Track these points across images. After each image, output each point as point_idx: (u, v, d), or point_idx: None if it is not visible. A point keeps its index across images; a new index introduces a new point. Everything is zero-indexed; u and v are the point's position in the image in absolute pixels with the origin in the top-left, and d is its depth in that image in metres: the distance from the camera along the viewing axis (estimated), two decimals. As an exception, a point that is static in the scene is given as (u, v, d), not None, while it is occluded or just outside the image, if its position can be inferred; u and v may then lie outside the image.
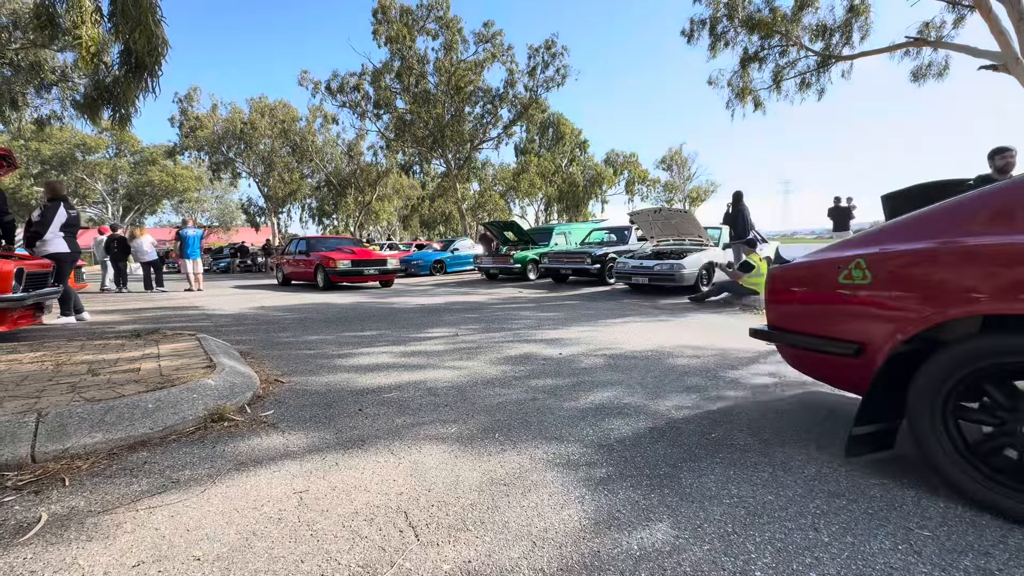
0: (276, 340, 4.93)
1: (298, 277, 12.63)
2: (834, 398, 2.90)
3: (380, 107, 24.60)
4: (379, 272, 11.74)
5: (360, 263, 11.44)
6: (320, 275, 11.35)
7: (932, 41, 11.92)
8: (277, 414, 2.61)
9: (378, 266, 11.79)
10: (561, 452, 2.15)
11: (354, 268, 11.29)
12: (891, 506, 1.67)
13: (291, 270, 12.89)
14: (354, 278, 11.50)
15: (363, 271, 11.47)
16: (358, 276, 11.49)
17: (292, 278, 12.96)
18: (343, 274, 11.15)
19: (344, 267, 11.08)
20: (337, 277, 11.14)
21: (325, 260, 11.13)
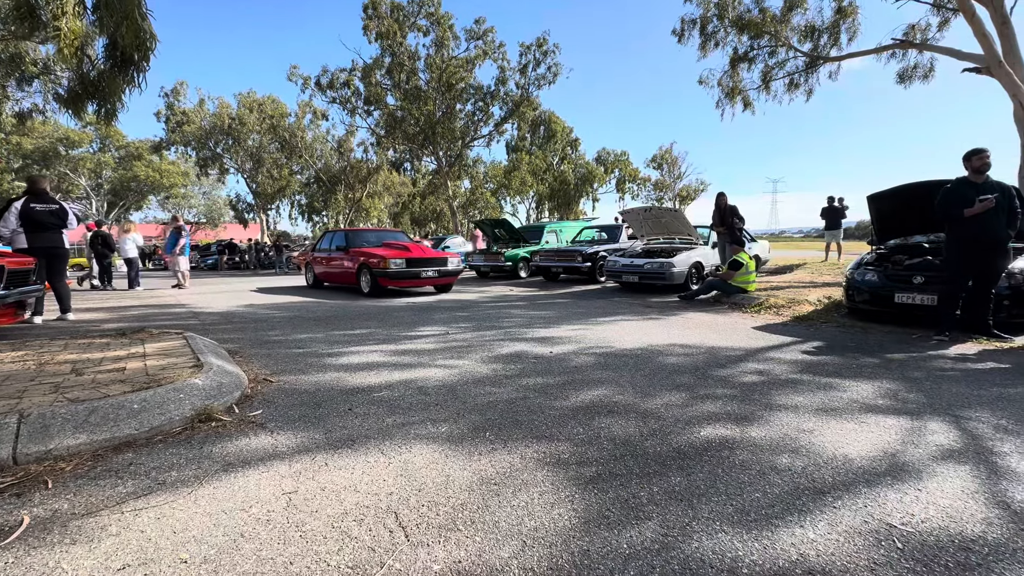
0: (265, 339, 4.88)
1: (334, 279, 10.50)
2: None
3: (370, 103, 24.39)
4: (439, 274, 9.39)
5: (417, 263, 9.07)
6: (364, 277, 9.13)
7: (917, 43, 12.08)
8: (266, 414, 2.59)
9: (437, 266, 9.38)
10: (551, 451, 2.16)
11: (409, 269, 8.89)
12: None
13: (324, 270, 10.72)
14: (409, 282, 9.09)
15: (420, 273, 9.09)
16: (414, 279, 9.11)
17: (326, 280, 10.88)
18: (396, 277, 8.78)
19: (397, 267, 8.72)
20: (387, 280, 8.80)
21: (372, 259, 8.88)
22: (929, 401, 2.88)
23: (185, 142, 31.82)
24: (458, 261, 9.93)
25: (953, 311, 4.98)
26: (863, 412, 2.68)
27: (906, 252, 6.44)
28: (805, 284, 9.27)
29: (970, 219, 4.73)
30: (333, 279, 10.53)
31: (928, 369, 3.67)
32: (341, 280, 10.18)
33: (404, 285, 9.25)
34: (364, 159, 31.11)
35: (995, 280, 4.89)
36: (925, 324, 5.31)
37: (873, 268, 6.17)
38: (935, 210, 5.06)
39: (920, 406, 2.79)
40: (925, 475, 1.93)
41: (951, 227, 4.96)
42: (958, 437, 2.33)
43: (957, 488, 1.82)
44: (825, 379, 3.37)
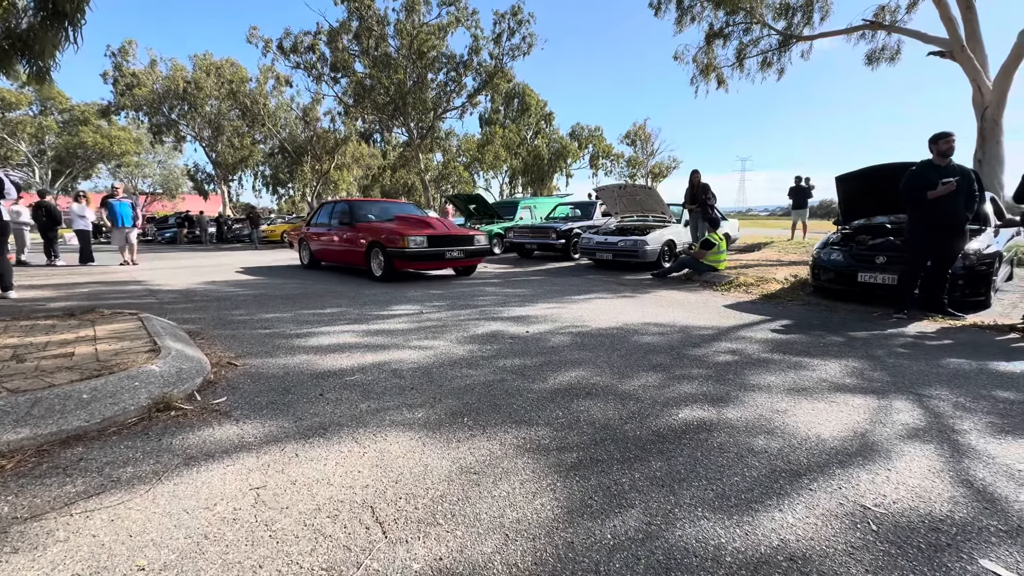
0: (229, 319, 4.66)
1: (336, 259, 8.96)
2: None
3: (337, 70, 23.26)
4: (465, 254, 7.94)
5: (440, 241, 7.60)
6: (377, 258, 7.66)
7: (886, 25, 12.25)
8: (230, 401, 2.46)
9: (464, 245, 7.93)
10: (531, 436, 2.13)
11: (432, 249, 7.43)
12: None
13: (323, 248, 9.20)
14: (430, 263, 7.69)
15: (445, 253, 7.63)
16: (436, 261, 7.67)
17: (325, 259, 9.37)
18: (415, 258, 7.30)
19: (418, 247, 7.25)
20: (405, 262, 7.34)
21: (386, 236, 7.41)
22: (893, 380, 2.98)
23: (136, 107, 29.73)
24: (485, 239, 8.47)
25: (912, 290, 5.17)
26: (832, 391, 2.75)
27: (870, 232, 6.63)
28: (772, 263, 9.50)
29: (932, 201, 4.85)
30: (335, 259, 9.01)
31: (890, 347, 3.80)
32: (345, 260, 8.64)
33: (425, 268, 7.86)
34: (331, 129, 29.88)
35: (952, 261, 5.09)
36: (886, 303, 5.50)
37: (838, 248, 6.34)
38: (900, 191, 5.18)
39: (885, 384, 2.89)
40: (894, 455, 1.99)
41: (914, 208, 5.09)
42: (921, 416, 2.41)
43: (924, 467, 1.88)
44: (795, 358, 3.45)
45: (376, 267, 7.72)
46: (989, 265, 5.43)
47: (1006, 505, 1.63)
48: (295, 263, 10.86)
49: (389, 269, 7.46)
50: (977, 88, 10.08)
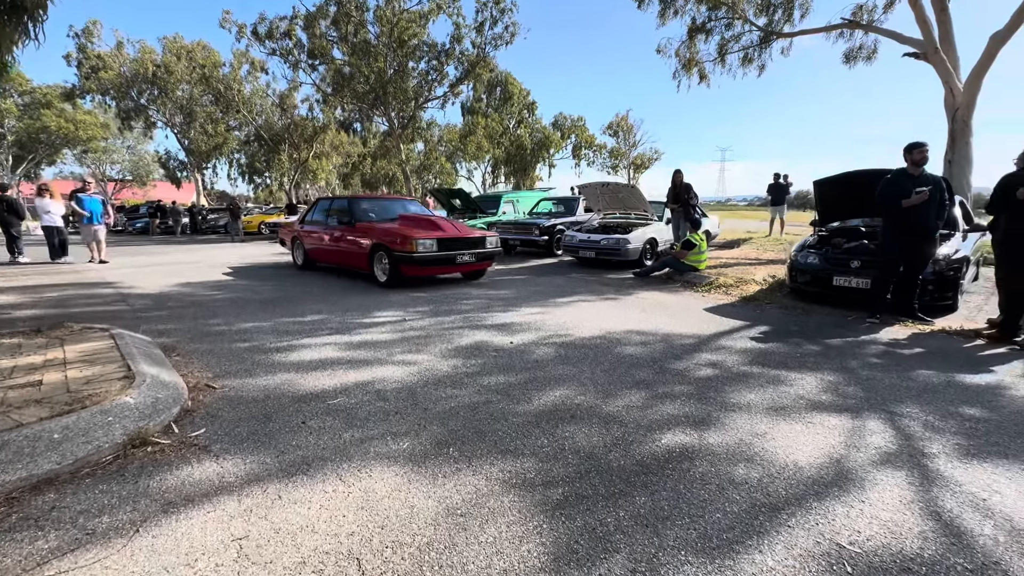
0: (205, 329, 4.54)
1: (334, 260, 8.27)
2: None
3: (315, 57, 22.57)
4: (476, 258, 7.35)
5: (451, 244, 7.02)
6: (381, 262, 7.02)
7: (864, 24, 12.43)
8: (209, 433, 2.40)
9: (476, 248, 7.33)
10: (517, 469, 2.13)
11: (442, 253, 6.83)
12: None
13: (319, 248, 8.50)
14: (440, 268, 7.10)
15: (456, 258, 7.03)
16: (446, 266, 7.12)
17: (321, 260, 8.69)
18: (424, 263, 6.71)
19: (427, 251, 6.65)
20: (413, 268, 6.71)
21: (392, 239, 6.77)
22: (866, 395, 3.07)
23: (103, 90, 28.48)
24: (496, 240, 7.79)
25: (885, 295, 5.33)
26: (809, 410, 2.83)
27: (845, 235, 6.78)
28: (751, 261, 9.67)
29: (906, 209, 4.98)
30: (333, 260, 8.31)
31: (863, 358, 3.91)
32: (345, 263, 7.96)
33: (433, 273, 7.27)
34: (310, 117, 29.13)
35: (923, 267, 5.25)
36: (860, 306, 5.65)
37: (815, 251, 6.48)
38: (876, 198, 5.31)
39: (858, 401, 2.97)
40: (867, 484, 2.05)
41: (888, 216, 5.22)
42: (893, 437, 2.49)
43: (896, 498, 1.95)
44: (773, 371, 3.53)
45: (380, 272, 7.10)
46: (957, 270, 5.62)
47: (971, 540, 1.70)
48: (275, 259, 10.64)
49: (395, 275, 6.86)
50: (949, 90, 10.33)
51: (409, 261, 6.64)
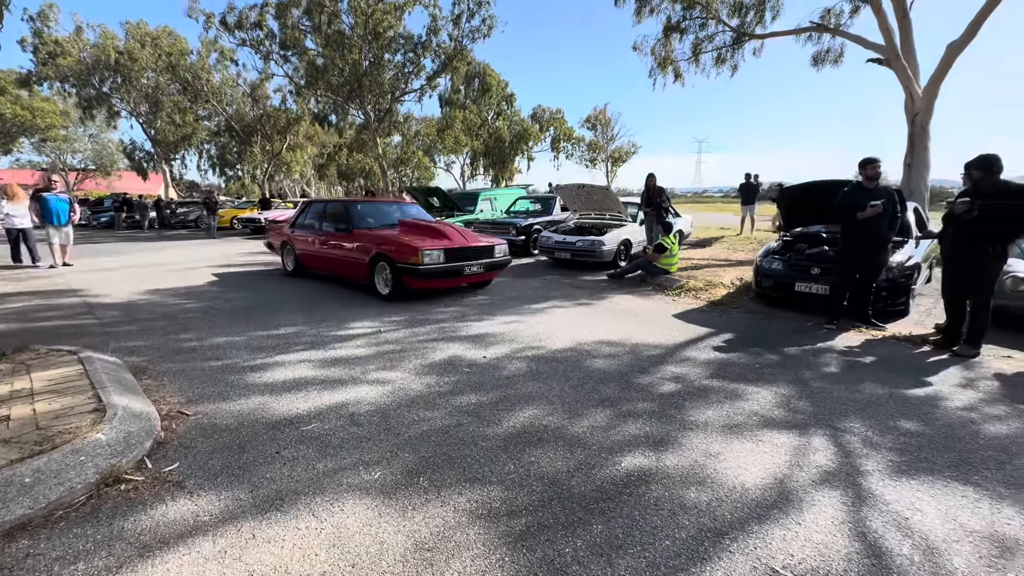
0: (177, 345, 4.52)
1: (329, 269, 7.72)
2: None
3: (287, 48, 22.03)
4: (485, 268, 6.96)
5: (459, 254, 6.59)
6: (382, 274, 6.60)
7: (831, 28, 12.77)
8: (183, 467, 2.45)
9: (484, 258, 6.92)
10: (484, 499, 2.25)
11: (449, 264, 6.43)
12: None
13: (311, 255, 7.96)
14: (447, 281, 6.66)
15: (464, 269, 6.64)
16: (454, 279, 6.71)
17: (315, 268, 8.09)
18: (430, 276, 6.28)
19: (433, 263, 6.24)
20: (417, 280, 6.29)
21: (395, 249, 6.37)
22: (815, 410, 3.29)
23: (61, 77, 27.26)
24: (505, 248, 7.31)
25: (842, 301, 5.61)
26: (761, 427, 3.02)
27: (808, 240, 7.07)
28: (721, 262, 9.96)
29: (861, 220, 5.24)
30: (328, 269, 7.77)
31: (817, 368, 4.15)
32: (341, 272, 7.48)
33: (440, 286, 6.74)
34: (283, 108, 28.46)
35: (877, 275, 5.54)
36: (819, 311, 5.92)
37: (779, 257, 6.74)
38: (835, 209, 5.57)
39: (807, 417, 3.18)
40: (805, 505, 2.24)
41: (845, 226, 5.50)
42: (834, 455, 2.69)
43: (828, 519, 2.14)
44: (732, 385, 3.72)
45: (382, 284, 6.64)
46: (909, 277, 5.94)
47: (889, 560, 1.89)
48: (249, 259, 10.47)
49: (398, 287, 6.43)
50: (909, 95, 10.74)
51: (414, 274, 6.21)
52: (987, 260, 4.43)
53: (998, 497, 2.33)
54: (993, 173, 4.39)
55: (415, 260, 6.18)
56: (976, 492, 2.37)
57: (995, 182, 4.39)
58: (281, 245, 8.92)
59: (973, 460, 2.66)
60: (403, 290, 6.48)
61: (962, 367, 4.22)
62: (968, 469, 2.57)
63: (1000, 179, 4.38)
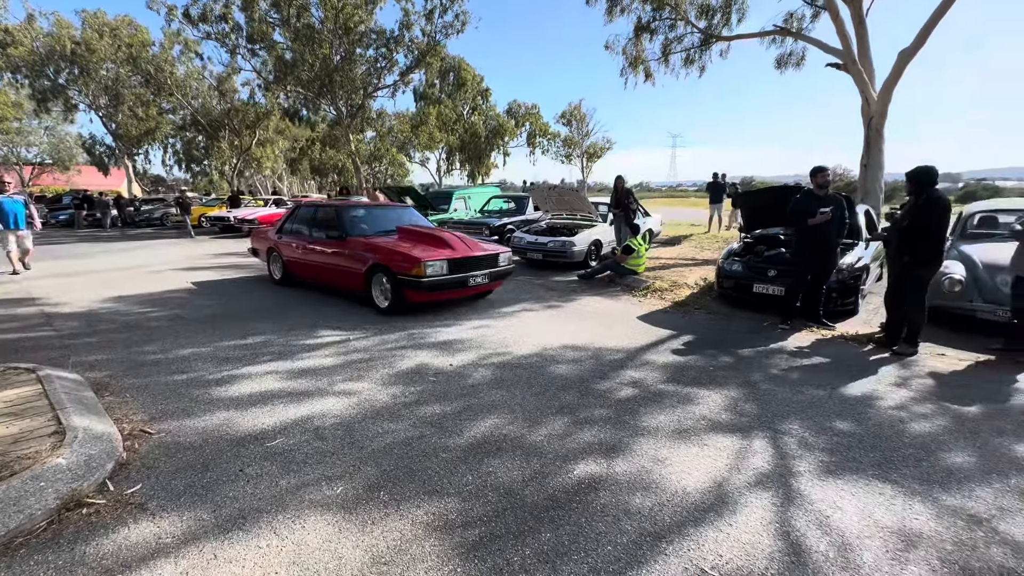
0: (140, 358, 4.49)
1: (321, 278, 7.24)
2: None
3: (255, 42, 21.47)
4: (489, 279, 6.56)
5: (463, 265, 6.22)
6: (380, 286, 6.22)
7: (794, 32, 13.15)
8: (146, 488, 2.50)
9: (489, 267, 6.53)
10: (440, 511, 2.37)
11: (453, 276, 6.07)
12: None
13: (300, 262, 7.48)
14: (451, 293, 6.28)
15: (468, 280, 6.24)
16: (457, 290, 6.30)
17: (305, 276, 7.62)
18: (433, 288, 5.89)
19: (436, 275, 5.87)
20: (420, 293, 5.91)
21: (395, 259, 5.95)
22: (759, 412, 3.51)
23: (13, 68, 25.95)
24: (509, 256, 6.94)
25: (795, 302, 5.91)
26: (708, 431, 3.21)
27: (767, 242, 7.38)
28: (688, 261, 10.27)
29: (812, 226, 5.52)
30: (319, 278, 7.31)
31: (766, 370, 4.39)
32: (335, 282, 7.02)
33: (443, 298, 6.33)
34: (251, 102, 27.73)
35: (827, 277, 5.85)
36: (775, 312, 6.21)
37: (739, 258, 7.03)
38: (787, 214, 5.86)
39: (751, 420, 3.39)
40: (739, 507, 2.43)
41: (798, 231, 5.78)
42: (771, 458, 2.90)
43: (758, 520, 2.33)
44: (686, 389, 3.93)
45: (380, 296, 6.25)
46: (858, 278, 6.28)
47: (807, 557, 2.09)
48: (217, 261, 10.28)
49: (398, 300, 6.03)
50: (865, 99, 11.18)
51: (416, 286, 5.80)
52: (913, 265, 4.76)
53: (911, 493, 2.56)
54: (916, 185, 4.74)
55: (417, 272, 5.77)
56: (893, 489, 2.60)
57: (917, 193, 4.74)
58: (267, 251, 8.38)
59: (895, 459, 2.91)
60: (403, 304, 6.08)
61: (899, 366, 4.53)
62: (889, 467, 2.81)
63: (927, 190, 4.69)
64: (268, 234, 8.40)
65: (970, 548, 2.16)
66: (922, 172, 4.71)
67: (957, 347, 5.06)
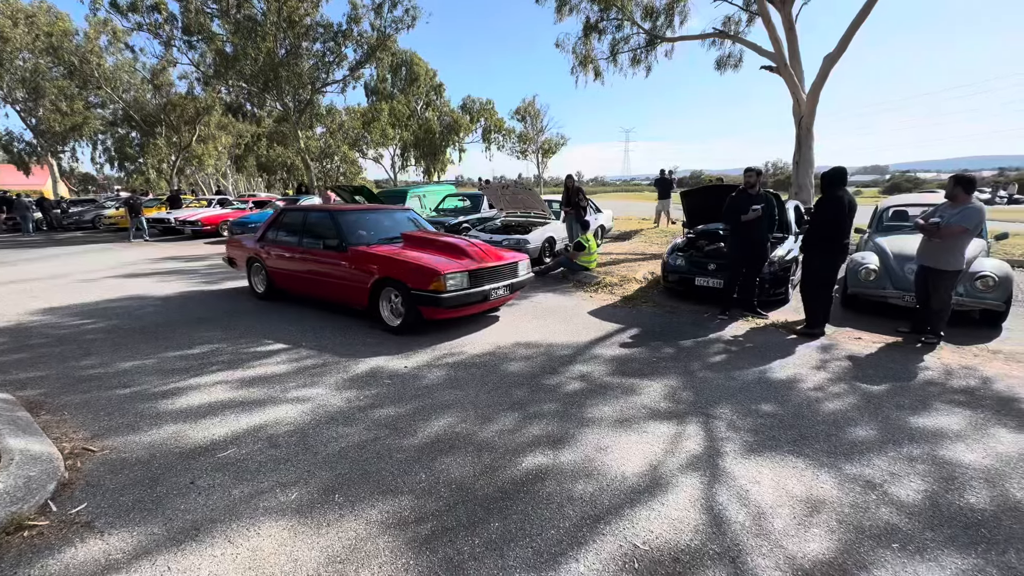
0: (78, 373, 4.32)
1: (314, 292, 6.46)
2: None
3: (192, 34, 20.38)
4: (510, 289, 5.94)
5: (484, 276, 5.57)
6: (390, 301, 5.54)
7: (731, 35, 13.86)
8: (91, 507, 2.47)
9: (509, 278, 5.93)
10: (395, 509, 2.48)
11: (474, 289, 5.40)
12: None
13: (288, 273, 6.71)
14: (471, 308, 5.55)
15: (490, 293, 5.58)
16: (478, 304, 5.58)
17: (295, 290, 6.78)
18: (455, 304, 5.20)
19: (457, 288, 5.22)
20: (438, 310, 5.21)
21: (410, 272, 5.25)
22: (695, 399, 3.80)
23: (-89, 58, 23.53)
24: (527, 264, 6.33)
25: (732, 294, 6.33)
26: (648, 419, 3.46)
27: (707, 237, 7.82)
28: (638, 256, 10.69)
29: (745, 222, 5.93)
30: (314, 292, 6.48)
31: (704, 359, 4.72)
32: (333, 298, 6.24)
33: (462, 315, 5.58)
34: (190, 96, 26.33)
35: (760, 269, 6.30)
36: (715, 303, 6.62)
37: (682, 253, 7.43)
38: (723, 212, 6.26)
39: (688, 407, 3.68)
40: (670, 487, 2.67)
41: (732, 228, 6.19)
42: (702, 441, 3.18)
43: (686, 498, 2.57)
44: (630, 380, 4.18)
45: (390, 314, 5.55)
46: (787, 269, 6.78)
47: (727, 527, 2.35)
48: (157, 267, 9.80)
49: (413, 318, 5.32)
50: (796, 101, 11.95)
51: (435, 303, 5.10)
52: (812, 256, 5.38)
53: (819, 465, 2.89)
54: (824, 184, 5.28)
55: (436, 286, 5.06)
56: (804, 462, 2.92)
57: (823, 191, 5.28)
58: (247, 262, 7.43)
59: (809, 435, 3.25)
60: (419, 321, 5.37)
61: (819, 349, 4.98)
62: (803, 443, 3.14)
63: (831, 189, 5.20)
64: (247, 241, 7.54)
65: (863, 510, 2.48)
66: (829, 172, 5.20)
67: (872, 331, 5.58)
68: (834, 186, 5.16)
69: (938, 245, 4.84)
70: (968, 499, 2.56)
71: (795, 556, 2.16)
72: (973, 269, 5.48)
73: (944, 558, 2.14)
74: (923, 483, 2.70)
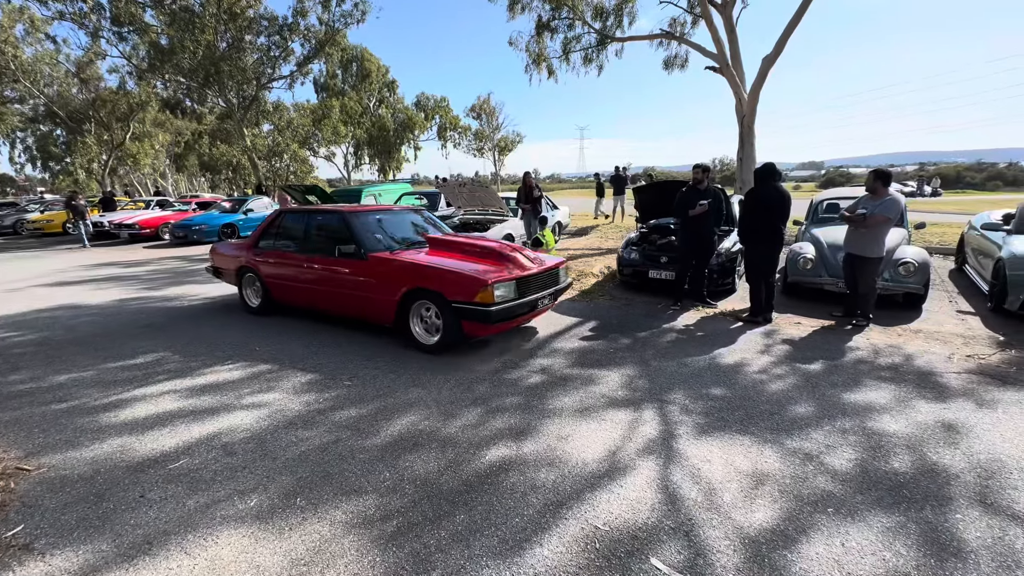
0: (6, 390, 4.01)
1: (325, 305, 5.68)
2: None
3: (121, 24, 19.06)
4: (553, 297, 5.39)
5: (530, 284, 4.89)
6: (421, 315, 4.89)
7: (677, 36, 14.37)
8: (29, 528, 2.33)
9: (552, 285, 5.29)
10: (359, 508, 2.47)
11: (521, 300, 4.71)
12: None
13: (290, 284, 5.87)
14: (517, 321, 5.04)
15: (537, 303, 4.99)
16: (523, 316, 5.00)
17: (300, 303, 5.98)
18: (502, 318, 4.53)
19: (506, 298, 4.54)
20: (484, 326, 4.55)
21: (450, 281, 4.57)
22: (651, 387, 3.96)
23: None
24: (566, 268, 5.73)
25: (683, 285, 6.60)
26: (607, 408, 3.59)
27: (660, 231, 8.11)
28: (594, 251, 10.94)
29: (693, 216, 6.20)
30: (328, 307, 5.68)
31: (658, 347, 4.92)
32: (349, 312, 5.49)
33: (505, 329, 5.02)
34: (122, 91, 24.66)
35: (707, 261, 6.60)
36: (667, 295, 6.89)
37: (636, 247, 7.67)
38: (673, 206, 6.52)
39: (643, 394, 3.83)
40: (628, 470, 2.79)
41: (681, 222, 6.45)
42: (657, 425, 3.33)
43: (643, 480, 2.70)
44: (589, 371, 4.30)
45: (420, 329, 4.90)
46: (733, 260, 7.14)
47: (680, 504, 2.49)
48: (89, 274, 9.16)
49: (453, 333, 4.64)
50: (738, 100, 12.54)
51: (481, 316, 4.42)
52: (749, 248, 5.76)
53: (764, 441, 3.10)
54: (756, 179, 5.60)
55: (483, 297, 4.38)
56: (751, 440, 3.12)
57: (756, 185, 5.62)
58: (237, 272, 6.48)
59: (754, 414, 3.46)
60: (460, 337, 4.70)
61: (763, 335, 5.29)
62: (750, 422, 3.35)
63: (762, 183, 5.54)
64: (236, 249, 6.62)
65: (802, 480, 2.69)
66: (760, 168, 5.54)
67: (810, 316, 5.98)
68: (765, 180, 5.49)
69: (863, 234, 5.25)
70: (893, 464, 2.82)
71: (742, 526, 2.32)
72: (896, 256, 5.96)
73: (872, 518, 2.36)
74: (854, 452, 2.95)
